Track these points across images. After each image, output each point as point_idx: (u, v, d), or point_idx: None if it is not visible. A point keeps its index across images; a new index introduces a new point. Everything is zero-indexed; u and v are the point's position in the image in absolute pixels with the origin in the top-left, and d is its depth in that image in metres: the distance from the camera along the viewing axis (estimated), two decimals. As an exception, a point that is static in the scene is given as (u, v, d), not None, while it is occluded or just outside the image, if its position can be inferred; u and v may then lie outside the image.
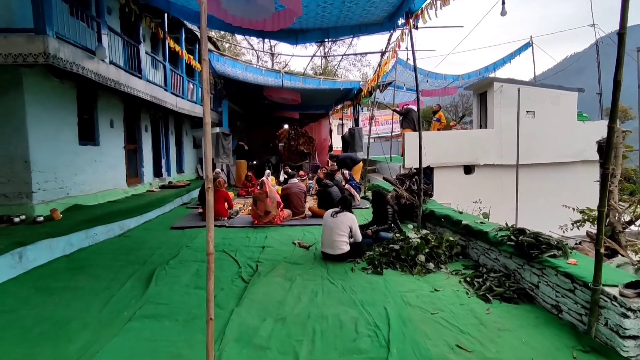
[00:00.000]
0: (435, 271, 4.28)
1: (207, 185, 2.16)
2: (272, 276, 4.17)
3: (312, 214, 7.50)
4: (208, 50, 10.97)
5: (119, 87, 6.05)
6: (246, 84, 12.53)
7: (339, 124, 29.98)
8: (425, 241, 4.67)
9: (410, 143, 10.18)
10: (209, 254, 2.19)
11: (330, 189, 7.34)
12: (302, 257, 4.86)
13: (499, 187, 10.44)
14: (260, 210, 6.69)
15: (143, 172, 8.87)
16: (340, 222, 4.70)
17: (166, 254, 4.93)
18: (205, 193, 6.47)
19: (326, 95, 13.82)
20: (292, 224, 6.78)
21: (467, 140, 10.39)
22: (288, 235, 5.97)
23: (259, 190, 6.89)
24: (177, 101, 8.87)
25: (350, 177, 8.90)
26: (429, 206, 6.35)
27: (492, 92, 10.39)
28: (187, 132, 12.61)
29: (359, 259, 4.70)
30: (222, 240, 5.68)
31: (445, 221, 5.33)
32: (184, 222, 7.03)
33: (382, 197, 5.61)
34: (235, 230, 6.44)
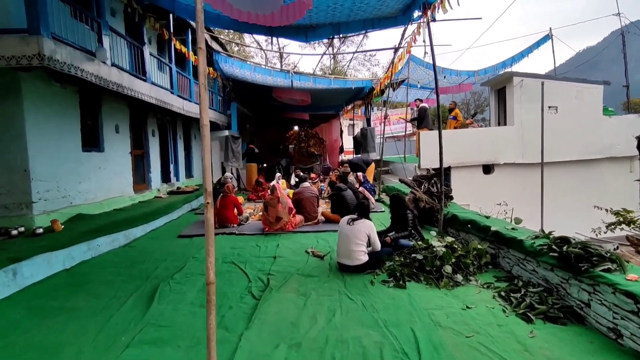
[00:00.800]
0: (464, 284, 3.87)
1: (205, 199, 1.82)
2: (285, 291, 3.82)
3: (325, 219, 7.14)
4: (215, 52, 10.74)
5: (122, 91, 5.80)
6: (255, 85, 12.25)
7: (350, 124, 29.60)
8: (451, 250, 4.27)
9: (426, 142, 9.75)
10: (208, 284, 1.82)
11: (344, 192, 6.97)
12: (316, 269, 4.50)
13: (521, 187, 9.92)
14: (272, 216, 6.36)
15: (150, 178, 8.64)
16: (357, 231, 4.33)
17: (171, 266, 4.62)
18: (217, 196, 6.14)
19: (337, 95, 13.46)
20: (304, 231, 6.43)
21: (486, 138, 9.89)
22: (301, 244, 5.62)
23: (270, 195, 6.56)
24: (184, 104, 8.62)
25: (364, 179, 8.51)
26: (450, 210, 5.93)
27: (512, 87, 9.88)
28: (196, 135, 12.38)
29: (378, 270, 4.32)
30: (231, 249, 5.36)
31: (471, 227, 4.91)
32: (191, 229, 6.74)
33: (401, 201, 5.22)
34: (245, 238, 6.12)
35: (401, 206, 5.20)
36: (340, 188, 7.04)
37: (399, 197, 5.24)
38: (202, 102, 1.74)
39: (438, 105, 5.95)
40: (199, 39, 1.70)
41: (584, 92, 9.93)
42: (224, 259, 4.87)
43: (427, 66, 12.23)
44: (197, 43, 1.73)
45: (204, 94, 1.75)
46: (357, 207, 4.65)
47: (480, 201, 9.10)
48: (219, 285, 3.98)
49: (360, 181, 8.46)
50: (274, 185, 6.63)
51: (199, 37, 1.69)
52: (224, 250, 5.34)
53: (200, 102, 1.75)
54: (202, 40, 1.71)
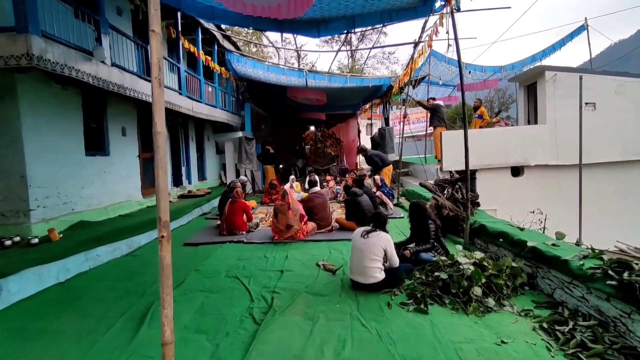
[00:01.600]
0: (496, 310, 3.33)
1: (159, 232, 1.40)
2: (290, 314, 3.39)
3: (340, 226, 6.68)
4: (228, 51, 10.44)
5: (124, 92, 5.53)
6: (269, 85, 11.92)
7: (368, 124, 28.99)
8: (481, 268, 3.73)
9: (449, 143, 9.13)
10: (164, 344, 1.40)
11: (360, 198, 6.48)
12: (327, 286, 4.05)
13: (554, 191, 9.16)
14: (282, 224, 5.95)
15: (160, 181, 8.39)
16: (372, 244, 3.86)
17: (170, 280, 4.27)
18: (226, 201, 5.77)
19: (353, 94, 12.97)
20: (316, 240, 5.99)
21: (515, 138, 9.18)
22: (311, 255, 5.18)
23: (281, 201, 6.16)
24: (193, 105, 8.34)
25: (382, 183, 7.99)
26: (477, 219, 5.35)
27: (544, 82, 9.13)
28: (209, 137, 12.15)
29: (396, 290, 3.83)
30: (237, 261, 4.97)
31: (504, 240, 4.34)
32: (199, 237, 6.42)
33: (422, 210, 4.70)
34: (253, 247, 5.73)
35: (422, 215, 4.68)
36: (356, 193, 6.56)
37: (420, 206, 4.72)
38: (155, 101, 1.33)
39: (463, 102, 5.38)
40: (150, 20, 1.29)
41: (625, 87, 9.06)
42: (228, 273, 4.49)
43: (449, 62, 11.58)
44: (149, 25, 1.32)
45: (157, 91, 1.34)
46: (373, 218, 4.17)
47: (508, 206, 8.44)
48: (218, 305, 3.60)
49: (378, 185, 7.95)
50: (285, 190, 6.22)
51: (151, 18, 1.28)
52: (229, 261, 4.97)
53: (153, 100, 1.34)
54: (156, 21, 1.30)
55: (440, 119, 10.39)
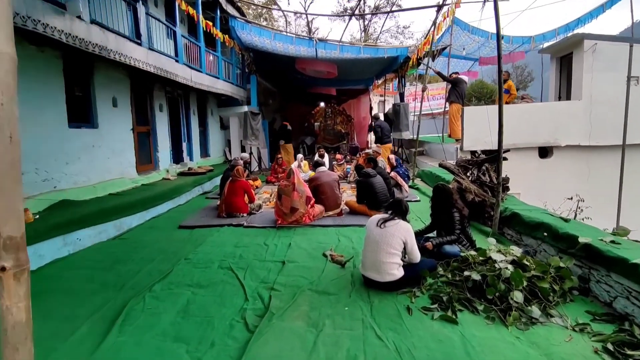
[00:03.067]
0: (543, 322, 2.71)
1: None
2: (290, 318, 2.83)
3: (350, 209, 6.07)
4: (232, 17, 9.60)
5: (106, 55, 4.86)
6: (276, 56, 11.09)
7: (380, 100, 27.88)
8: (521, 268, 3.09)
9: (471, 120, 8.34)
10: None
11: (372, 179, 5.83)
12: (335, 282, 3.47)
13: (585, 174, 8.35)
14: (285, 207, 5.36)
15: (158, 157, 7.84)
16: (390, 235, 3.24)
17: (156, 271, 3.74)
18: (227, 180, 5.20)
19: (366, 67, 12.06)
20: (324, 225, 5.39)
21: (545, 115, 8.32)
22: (318, 242, 4.60)
23: (285, 181, 5.54)
24: (192, 75, 7.64)
25: (397, 162, 7.30)
26: (508, 205, 4.67)
27: (581, 52, 8.17)
28: (213, 111, 11.50)
29: (416, 290, 3.23)
30: (234, 248, 4.42)
31: (544, 232, 3.67)
32: (195, 218, 5.88)
33: (447, 196, 4.03)
34: (254, 232, 5.17)
35: (447, 202, 4.01)
36: (368, 173, 5.90)
37: (445, 190, 4.04)
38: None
39: (500, 71, 4.60)
40: None
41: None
42: (222, 263, 3.93)
43: (472, 31, 10.55)
44: None
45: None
46: (393, 205, 3.52)
47: (533, 190, 7.70)
48: (206, 304, 3.05)
49: (392, 165, 7.27)
50: (292, 169, 5.60)
51: None
52: (224, 248, 4.41)
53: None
54: None
55: (459, 95, 9.52)
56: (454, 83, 9.41)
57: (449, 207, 3.99)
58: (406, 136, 11.65)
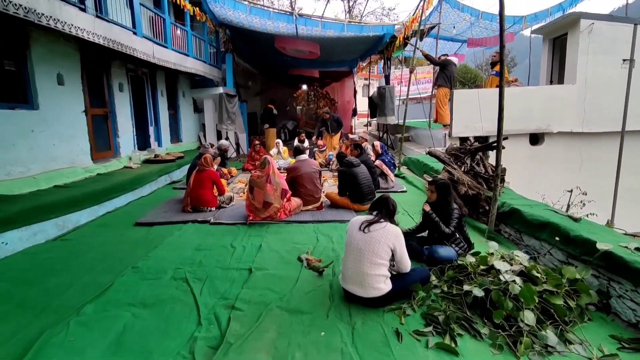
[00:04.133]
0: (560, 352, 2.22)
1: None
2: (250, 351, 2.25)
3: (331, 202, 5.50)
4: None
5: (35, 19, 4.02)
6: (253, 33, 10.24)
7: (364, 84, 27.17)
8: (530, 280, 2.59)
9: (461, 104, 7.83)
10: None
11: (356, 169, 5.26)
12: (310, 296, 2.91)
13: (576, 163, 8.01)
14: (258, 201, 4.74)
15: (119, 143, 7.04)
16: (375, 242, 2.68)
17: (93, 284, 3.08)
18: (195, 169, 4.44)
19: (351, 46, 11.32)
20: (301, 220, 4.81)
21: (537, 100, 7.87)
22: (293, 243, 4.02)
23: (258, 171, 4.90)
24: (155, 50, 6.78)
25: (383, 150, 6.73)
26: (506, 200, 4.19)
27: (577, 33, 7.69)
28: (185, 93, 10.61)
29: (407, 306, 2.71)
30: (195, 252, 3.79)
31: (556, 237, 3.17)
32: (156, 213, 5.19)
33: (447, 192, 3.48)
34: (221, 230, 4.54)
35: (446, 198, 3.47)
36: (351, 163, 5.32)
37: (446, 186, 3.49)
38: None
39: (502, 48, 4.04)
40: None
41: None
42: (177, 272, 3.30)
43: (463, 9, 9.95)
44: None
45: None
46: (378, 204, 2.95)
47: (523, 179, 7.29)
48: (147, 333, 2.44)
49: (378, 152, 6.70)
50: (266, 158, 4.94)
51: None
52: (184, 252, 3.78)
53: None
54: None
55: (447, 78, 8.95)
56: (443, 65, 8.84)
57: (448, 203, 3.45)
58: (391, 121, 11.08)
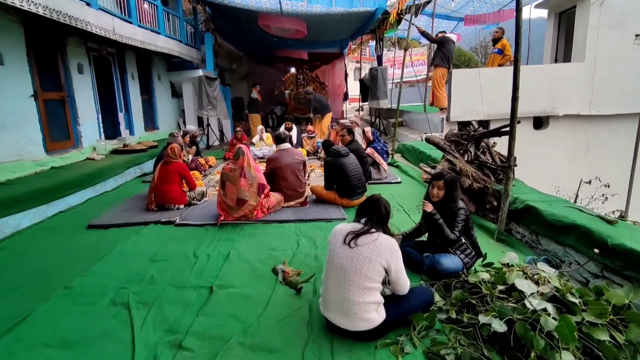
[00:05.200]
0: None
1: None
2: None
3: (317, 197, 4.87)
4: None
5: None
6: (235, 10, 9.37)
7: (356, 67, 26.27)
8: (566, 308, 2.00)
9: (460, 85, 7.17)
10: None
11: (344, 159, 4.60)
12: (282, 325, 2.30)
13: (581, 148, 7.45)
14: (230, 198, 4.08)
15: (79, 132, 6.28)
16: (365, 260, 2.06)
17: (5, 314, 2.43)
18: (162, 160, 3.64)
19: (340, 24, 10.50)
20: (281, 220, 4.17)
21: (543, 80, 7.23)
22: (269, 250, 3.39)
23: (231, 163, 4.22)
24: (115, 25, 5.94)
25: (374, 136, 6.07)
26: (519, 195, 3.59)
27: (587, 6, 7.02)
28: (161, 76, 9.77)
29: (404, 341, 2.11)
30: (149, 263, 3.14)
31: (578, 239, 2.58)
32: (115, 213, 4.50)
33: (453, 188, 2.84)
34: (187, 233, 3.89)
35: (451, 195, 2.83)
36: (339, 152, 4.65)
37: (453, 181, 2.84)
38: None
39: (518, 20, 3.38)
40: None
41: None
42: (119, 293, 2.65)
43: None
44: None
45: None
46: (367, 208, 2.32)
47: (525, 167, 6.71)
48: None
49: (369, 139, 6.04)
50: (240, 148, 4.24)
51: None
52: (135, 264, 3.13)
53: None
54: None
55: (445, 57, 8.23)
56: (440, 43, 8.12)
57: (453, 200, 2.83)
58: (384, 105, 10.40)
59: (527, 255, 3.17)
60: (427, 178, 5.44)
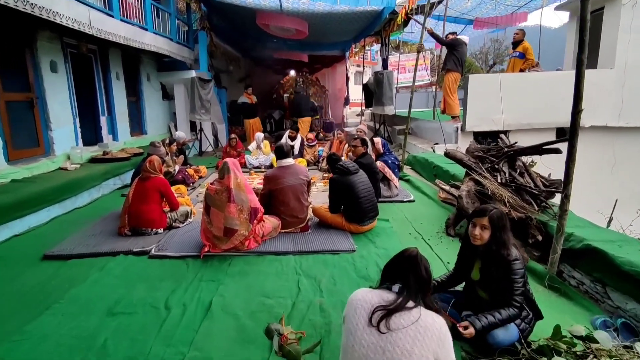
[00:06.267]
0: None
1: None
2: None
3: (319, 220, 4.17)
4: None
5: None
6: (232, 8, 8.70)
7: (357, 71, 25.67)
8: None
9: (477, 91, 6.52)
10: None
11: (353, 177, 3.91)
12: None
13: (608, 163, 6.81)
14: (216, 226, 3.36)
15: (52, 137, 5.56)
16: (403, 354, 1.37)
17: None
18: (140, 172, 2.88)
19: (343, 25, 9.84)
20: (278, 251, 3.47)
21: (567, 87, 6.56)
22: (262, 296, 2.68)
23: (217, 184, 3.51)
24: (92, 18, 5.22)
25: (385, 148, 5.38)
26: (573, 230, 2.90)
27: (618, 7, 6.41)
28: (151, 76, 9.06)
29: None
30: (105, 319, 2.42)
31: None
32: (79, 238, 3.77)
33: (503, 228, 2.13)
34: (162, 268, 3.18)
35: (501, 238, 2.13)
36: (347, 169, 3.95)
37: (502, 220, 2.14)
38: None
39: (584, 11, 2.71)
40: None
41: None
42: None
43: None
44: None
45: None
46: (401, 268, 1.62)
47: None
48: None
49: (379, 151, 5.35)
50: (226, 163, 3.53)
51: None
52: (86, 321, 2.39)
53: None
54: None
55: (458, 60, 7.58)
56: (452, 46, 7.47)
57: (502, 247, 2.13)
58: (389, 111, 9.73)
59: (590, 312, 2.49)
60: (447, 198, 4.75)
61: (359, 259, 3.34)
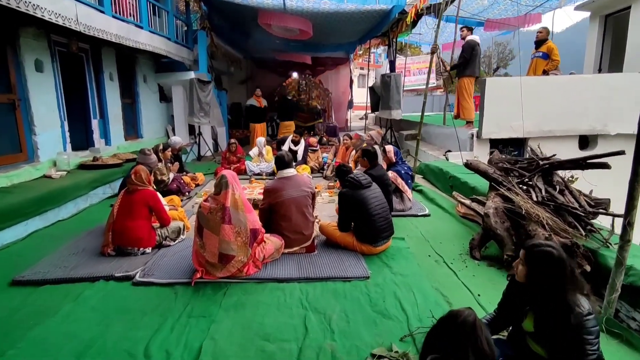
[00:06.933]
0: None
1: None
2: None
3: (327, 238, 3.72)
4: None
5: None
6: (233, 7, 8.30)
7: (360, 74, 25.29)
8: None
9: (493, 95, 6.08)
10: None
11: (365, 191, 3.46)
12: None
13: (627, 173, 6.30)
14: (210, 251, 2.91)
15: (36, 142, 5.13)
16: None
17: None
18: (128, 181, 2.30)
19: (349, 25, 9.43)
20: (280, 277, 3.02)
21: (592, 92, 6.14)
22: (261, 340, 2.24)
23: (211, 199, 3.06)
24: (79, 13, 4.79)
25: (397, 157, 4.93)
26: (634, 263, 2.45)
27: (646, 6, 5.96)
28: (147, 77, 8.64)
29: None
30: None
31: None
32: (56, 259, 3.32)
33: (562, 274, 1.69)
34: (146, 298, 2.73)
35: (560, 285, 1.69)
36: (359, 182, 3.50)
37: (564, 262, 1.70)
38: None
39: None
40: None
41: None
42: None
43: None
44: None
45: None
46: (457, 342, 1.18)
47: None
48: None
49: (391, 160, 4.90)
50: (224, 176, 3.09)
51: None
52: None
53: None
54: None
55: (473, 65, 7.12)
56: (471, 48, 7.02)
57: (560, 298, 1.68)
58: (396, 115, 9.27)
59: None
60: (467, 213, 4.31)
61: (373, 287, 2.90)
